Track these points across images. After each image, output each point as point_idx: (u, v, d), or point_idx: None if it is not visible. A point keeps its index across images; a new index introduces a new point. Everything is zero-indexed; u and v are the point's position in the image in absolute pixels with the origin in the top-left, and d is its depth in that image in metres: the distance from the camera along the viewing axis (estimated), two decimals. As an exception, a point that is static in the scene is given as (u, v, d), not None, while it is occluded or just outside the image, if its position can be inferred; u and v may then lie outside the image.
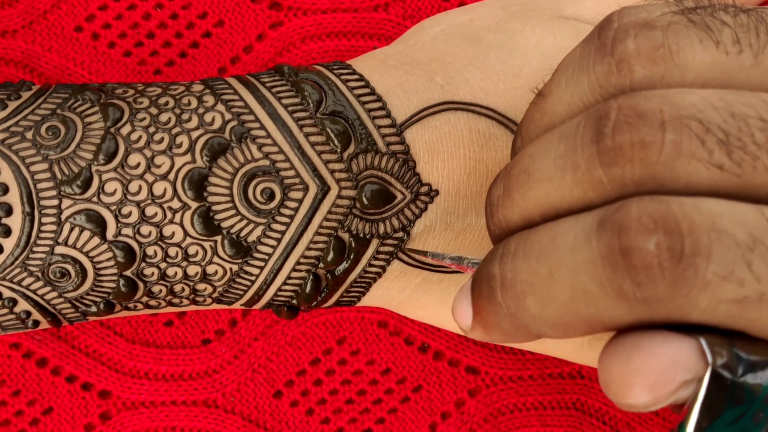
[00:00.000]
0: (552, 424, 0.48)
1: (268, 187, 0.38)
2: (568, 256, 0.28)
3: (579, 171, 0.29)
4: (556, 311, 0.29)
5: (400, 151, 0.39)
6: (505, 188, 0.32)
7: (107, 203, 0.37)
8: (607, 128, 0.28)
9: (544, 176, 0.30)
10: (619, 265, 0.27)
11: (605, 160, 0.28)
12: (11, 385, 0.47)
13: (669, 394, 0.27)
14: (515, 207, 0.32)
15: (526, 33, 0.41)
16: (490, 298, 0.31)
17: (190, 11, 0.49)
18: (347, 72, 0.40)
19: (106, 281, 0.38)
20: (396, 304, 0.43)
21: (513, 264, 0.30)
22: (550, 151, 0.30)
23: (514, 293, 0.30)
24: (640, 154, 0.28)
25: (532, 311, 0.30)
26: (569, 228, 0.29)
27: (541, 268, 0.29)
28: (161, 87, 0.40)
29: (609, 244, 0.27)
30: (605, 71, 0.30)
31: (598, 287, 0.28)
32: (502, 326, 0.31)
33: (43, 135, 0.37)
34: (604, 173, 0.28)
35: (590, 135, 0.29)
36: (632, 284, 0.27)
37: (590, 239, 0.28)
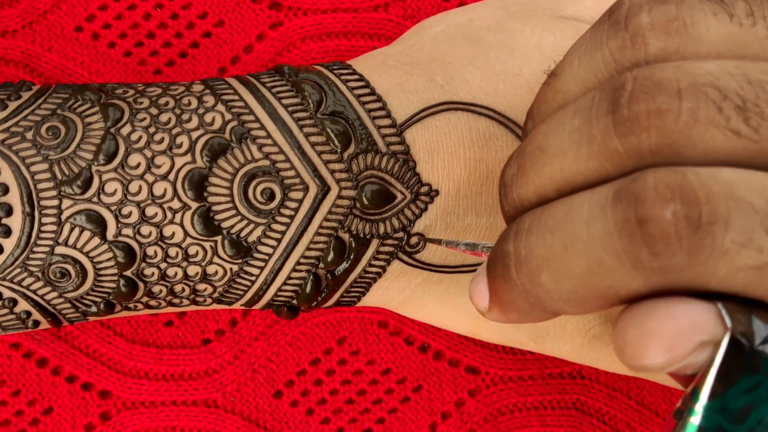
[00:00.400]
0: (552, 424, 0.48)
1: (269, 188, 0.38)
2: (583, 229, 0.28)
3: (595, 143, 0.29)
4: (571, 285, 0.29)
5: (400, 151, 0.39)
6: (519, 166, 0.32)
7: (107, 203, 0.37)
8: (623, 98, 0.28)
9: (559, 151, 0.30)
10: (635, 235, 0.27)
11: (621, 130, 0.28)
12: (11, 385, 0.47)
13: (685, 354, 0.27)
14: (529, 184, 0.32)
15: (526, 33, 0.41)
16: (505, 276, 0.31)
17: (190, 11, 0.49)
18: (347, 72, 0.40)
19: (107, 281, 0.38)
20: (396, 304, 0.43)
21: (527, 240, 0.30)
22: (565, 126, 0.30)
23: (529, 269, 0.30)
24: (656, 122, 0.28)
25: (548, 287, 0.30)
26: (584, 201, 0.29)
27: (555, 242, 0.29)
28: (161, 87, 0.40)
29: (625, 214, 0.27)
30: (619, 45, 0.30)
31: (614, 258, 0.28)
32: (518, 304, 0.31)
33: (44, 135, 0.37)
34: (621, 143, 0.28)
35: (606, 106, 0.29)
36: (649, 254, 0.27)
37: (606, 211, 0.28)
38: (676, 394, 0.49)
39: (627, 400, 0.48)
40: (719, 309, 0.27)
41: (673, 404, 0.49)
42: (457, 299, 0.42)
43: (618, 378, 0.49)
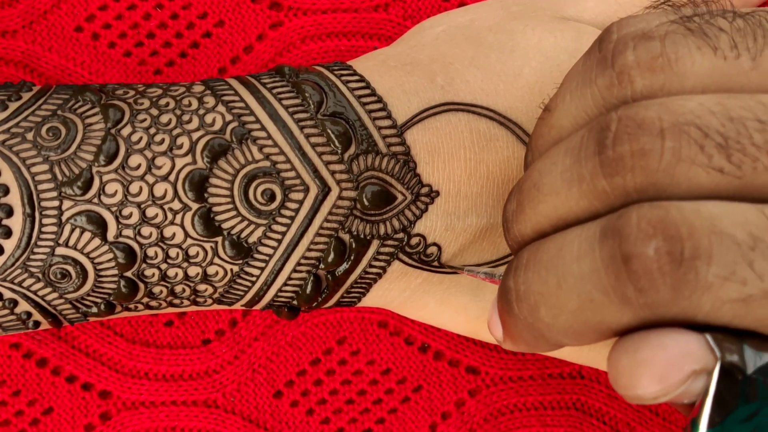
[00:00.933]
0: (552, 424, 0.48)
1: (269, 188, 0.38)
2: (574, 266, 0.29)
3: (584, 183, 0.30)
4: (566, 320, 0.30)
5: (401, 152, 0.39)
6: (518, 203, 0.33)
7: (108, 204, 0.37)
8: (608, 140, 0.29)
9: (552, 190, 0.31)
10: (621, 272, 0.27)
11: (607, 170, 0.29)
12: (11, 385, 0.47)
13: (678, 384, 0.27)
14: (527, 221, 0.32)
15: (526, 34, 0.41)
16: (509, 311, 0.32)
17: (190, 11, 0.49)
18: (348, 73, 0.40)
19: (107, 282, 0.38)
20: (396, 305, 0.43)
21: (525, 276, 0.31)
22: (557, 165, 0.31)
23: (528, 304, 0.31)
24: (640, 162, 0.28)
25: (546, 321, 0.30)
26: (575, 237, 0.30)
27: (549, 278, 0.30)
28: (162, 88, 0.40)
29: (611, 251, 0.28)
30: (607, 84, 0.31)
31: (602, 295, 0.28)
32: (524, 337, 0.32)
33: (44, 136, 0.37)
34: (607, 183, 0.29)
35: (593, 147, 0.30)
36: (635, 290, 0.27)
37: (594, 248, 0.28)
38: (676, 394, 0.49)
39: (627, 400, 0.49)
40: (708, 340, 0.27)
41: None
42: (458, 300, 0.42)
43: (618, 378, 0.49)
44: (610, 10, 0.43)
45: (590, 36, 0.41)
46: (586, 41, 0.41)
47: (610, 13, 0.43)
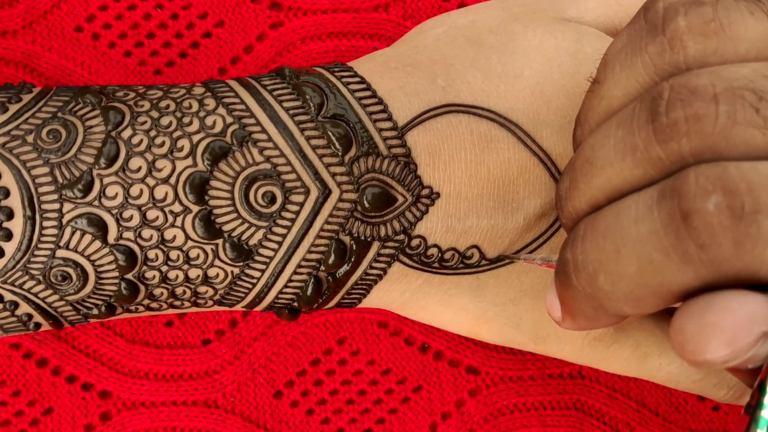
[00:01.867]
0: (552, 424, 0.48)
1: (270, 191, 0.38)
2: (632, 230, 0.29)
3: (638, 152, 0.30)
4: (626, 286, 0.30)
5: (402, 154, 0.39)
6: (571, 180, 0.33)
7: (108, 207, 0.37)
8: (661, 107, 0.29)
9: (606, 162, 0.31)
10: (681, 230, 0.27)
11: (661, 137, 0.29)
12: (11, 386, 0.47)
13: (747, 347, 0.27)
14: (582, 195, 0.33)
15: (527, 35, 0.41)
16: (567, 284, 0.32)
17: (190, 11, 0.49)
18: (348, 74, 0.40)
19: (108, 284, 0.38)
20: (397, 306, 0.43)
21: (582, 246, 0.31)
22: (610, 138, 0.31)
23: (587, 274, 0.31)
24: (695, 126, 0.28)
25: (606, 289, 0.30)
26: (632, 203, 0.30)
27: (608, 245, 0.30)
28: (162, 90, 0.40)
29: (670, 211, 0.28)
30: (658, 50, 0.31)
31: (663, 255, 0.28)
32: (584, 310, 0.32)
33: (44, 138, 0.37)
34: (662, 150, 0.29)
35: (645, 116, 0.30)
36: (695, 247, 0.27)
37: (652, 210, 0.28)
38: (676, 394, 0.49)
39: (627, 401, 0.49)
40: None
41: (674, 404, 0.49)
42: (458, 300, 0.42)
43: (618, 378, 0.49)
44: (611, 11, 0.43)
45: (591, 37, 0.41)
46: (586, 42, 0.41)
47: (611, 14, 0.43)
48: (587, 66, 0.41)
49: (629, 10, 0.43)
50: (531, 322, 0.42)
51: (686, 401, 0.49)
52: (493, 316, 0.42)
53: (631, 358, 0.43)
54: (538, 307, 0.42)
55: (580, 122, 0.35)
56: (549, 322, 0.42)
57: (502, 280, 0.42)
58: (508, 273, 0.41)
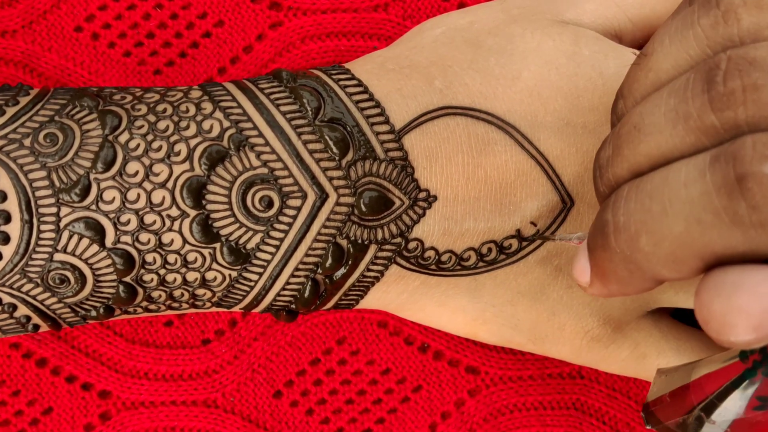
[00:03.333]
0: (552, 424, 0.48)
1: (267, 195, 0.38)
2: (681, 191, 0.29)
3: (691, 119, 0.29)
4: (669, 246, 0.29)
5: (399, 157, 0.39)
6: (615, 147, 0.33)
7: (106, 211, 0.37)
8: (718, 77, 0.29)
9: (655, 129, 0.31)
10: (734, 191, 0.27)
11: (717, 105, 0.29)
12: (11, 385, 0.47)
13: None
14: (624, 162, 0.32)
15: (525, 37, 0.41)
16: (605, 245, 0.32)
17: (189, 11, 0.49)
18: (346, 77, 0.40)
19: (106, 287, 0.38)
20: (395, 307, 0.43)
21: (626, 207, 0.31)
22: (660, 107, 0.31)
23: (628, 235, 0.30)
24: (752, 96, 0.28)
25: (646, 250, 0.30)
26: (681, 166, 0.29)
27: (654, 205, 0.30)
28: (159, 93, 0.40)
29: (723, 173, 0.28)
30: (711, 23, 0.31)
31: (712, 215, 0.28)
32: (618, 273, 0.32)
33: (42, 142, 0.37)
34: (717, 118, 0.29)
35: (701, 86, 0.29)
36: (747, 208, 0.27)
37: (704, 173, 0.28)
38: (675, 394, 0.49)
39: (627, 400, 0.49)
40: None
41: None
42: (455, 301, 0.42)
43: (618, 378, 0.49)
44: (609, 13, 0.43)
45: (589, 39, 0.41)
46: (584, 45, 0.41)
47: (609, 16, 0.43)
48: (585, 68, 0.41)
49: (628, 12, 0.43)
50: (529, 323, 0.42)
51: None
52: (491, 316, 0.42)
53: (630, 358, 0.43)
54: (535, 307, 0.42)
55: (624, 95, 0.34)
56: (547, 322, 0.42)
57: (499, 282, 0.42)
58: (505, 274, 0.41)
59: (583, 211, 0.41)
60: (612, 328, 0.42)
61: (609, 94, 0.41)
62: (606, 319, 0.42)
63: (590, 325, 0.42)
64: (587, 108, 0.40)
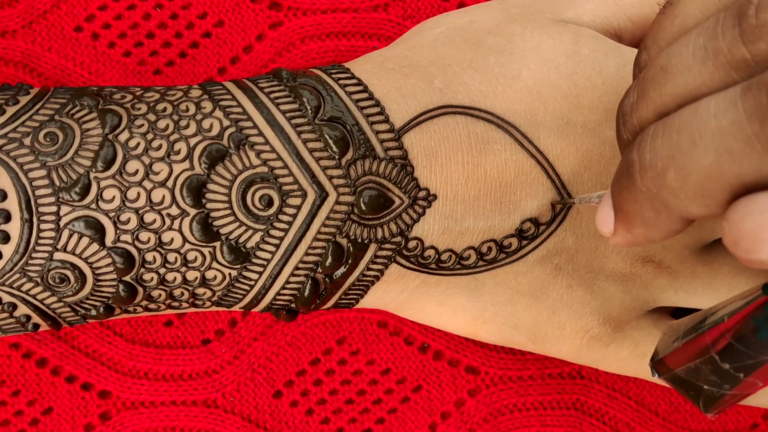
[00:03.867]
0: (552, 424, 0.48)
1: (267, 194, 0.38)
2: (711, 122, 0.28)
3: (721, 54, 0.29)
4: (698, 178, 0.28)
5: (398, 156, 0.39)
6: (640, 91, 0.32)
7: (106, 210, 0.37)
8: (750, 10, 0.28)
9: (684, 67, 0.30)
10: (766, 117, 0.26)
11: (749, 38, 0.28)
12: (11, 385, 0.47)
13: None
14: (650, 104, 0.31)
15: (525, 36, 0.41)
16: (630, 186, 0.31)
17: (189, 11, 0.49)
18: (346, 76, 0.40)
19: (106, 286, 0.38)
20: (394, 306, 0.43)
21: (653, 144, 0.30)
22: (689, 47, 0.30)
23: (655, 172, 0.30)
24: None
25: (674, 185, 0.29)
26: (711, 99, 0.28)
27: (682, 139, 0.29)
28: (159, 92, 0.40)
29: (756, 100, 0.27)
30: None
31: (744, 144, 0.27)
32: (643, 214, 0.31)
33: (42, 141, 0.37)
34: (748, 51, 0.28)
35: (732, 21, 0.29)
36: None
37: (735, 103, 0.27)
38: (675, 394, 0.49)
39: (627, 400, 0.49)
40: None
41: (674, 404, 0.49)
42: (455, 301, 0.42)
43: (618, 378, 0.49)
44: (608, 13, 0.43)
45: (588, 38, 0.41)
46: (584, 44, 0.41)
47: (608, 15, 0.43)
48: (585, 67, 0.41)
49: (628, 12, 0.43)
50: (529, 322, 0.42)
51: (686, 401, 0.49)
52: (491, 316, 0.42)
53: (630, 357, 0.43)
54: (535, 306, 0.42)
55: (648, 45, 0.34)
56: (547, 321, 0.42)
57: (499, 281, 0.42)
58: (505, 273, 0.41)
59: (582, 210, 0.41)
60: (612, 327, 0.42)
61: (609, 93, 0.40)
62: (606, 318, 0.42)
63: (590, 324, 0.42)
64: (587, 107, 0.40)
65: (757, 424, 0.49)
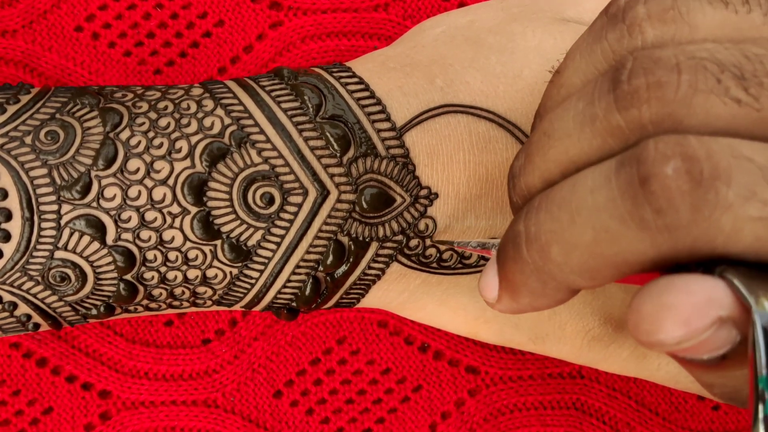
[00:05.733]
0: (552, 424, 0.48)
1: (268, 192, 0.38)
2: (588, 199, 0.28)
3: (597, 120, 0.29)
4: (581, 256, 0.29)
5: (400, 154, 0.39)
6: (526, 155, 0.32)
7: (107, 208, 0.37)
8: (623, 76, 0.29)
9: (564, 133, 0.31)
10: (638, 196, 0.27)
11: (622, 104, 0.28)
12: (11, 385, 0.47)
13: (702, 329, 0.26)
14: (536, 170, 0.32)
15: (526, 35, 0.41)
16: (516, 257, 0.31)
17: (190, 11, 0.49)
18: (347, 75, 0.40)
19: (106, 285, 0.38)
20: (395, 306, 0.43)
21: (537, 217, 0.30)
22: (569, 111, 0.31)
23: (539, 245, 0.30)
24: (656, 93, 0.28)
25: (558, 260, 0.30)
26: (589, 173, 0.29)
27: (562, 214, 0.29)
28: (160, 91, 0.40)
29: (628, 177, 0.27)
30: (617, 36, 0.31)
31: (619, 223, 0.28)
32: (530, 285, 0.31)
33: (42, 140, 0.37)
34: (622, 117, 0.29)
35: (607, 86, 0.29)
36: (653, 212, 0.27)
37: (609, 179, 0.28)
38: (675, 394, 0.49)
39: (627, 400, 0.49)
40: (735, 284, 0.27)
41: (674, 404, 0.49)
42: (457, 300, 0.42)
43: (618, 378, 0.49)
44: (609, 11, 0.43)
45: (590, 37, 0.42)
46: (585, 42, 0.41)
47: None
48: None
49: (628, 11, 0.43)
50: (530, 322, 0.42)
51: (686, 401, 0.49)
52: (492, 315, 0.42)
53: (630, 357, 0.43)
54: None
55: (540, 113, 0.35)
56: (548, 321, 0.42)
57: (500, 280, 0.42)
58: None
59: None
60: (613, 327, 0.42)
61: None
62: (607, 318, 0.42)
63: (591, 324, 0.42)
64: None
65: (758, 424, 0.49)
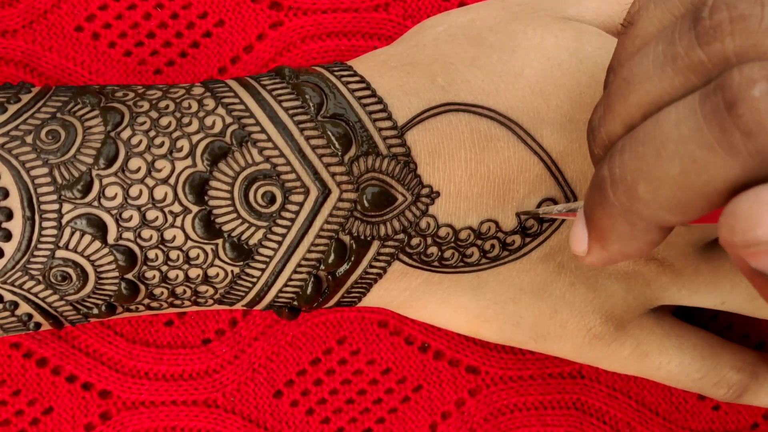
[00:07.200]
0: (552, 424, 0.48)
1: (269, 191, 0.38)
2: (673, 132, 0.28)
3: (678, 59, 0.29)
4: (669, 189, 0.28)
5: (401, 153, 0.39)
6: (606, 105, 0.32)
7: (108, 207, 0.37)
8: (704, 13, 0.28)
9: (644, 77, 0.30)
10: (726, 121, 0.26)
11: (704, 39, 0.28)
12: (11, 385, 0.47)
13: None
14: (617, 116, 0.31)
15: (527, 34, 0.41)
16: (602, 202, 0.31)
17: (190, 11, 0.49)
18: (348, 74, 0.40)
19: (108, 284, 0.38)
20: (397, 305, 0.43)
21: (621, 159, 0.30)
22: (648, 56, 0.30)
23: (626, 185, 0.30)
24: (739, 26, 0.27)
25: (646, 197, 0.29)
26: (672, 108, 0.29)
27: (647, 151, 0.29)
28: (161, 90, 0.40)
29: (713, 105, 0.27)
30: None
31: (707, 151, 0.27)
32: (618, 229, 0.31)
33: (43, 139, 0.37)
34: (704, 52, 0.28)
35: (688, 24, 0.29)
36: (741, 136, 0.26)
37: (695, 110, 0.27)
38: (676, 393, 0.49)
39: (627, 400, 0.49)
40: None
41: (674, 404, 0.49)
42: (458, 299, 0.42)
43: (618, 378, 0.49)
44: (611, 11, 0.43)
45: (591, 36, 0.41)
46: (587, 41, 0.41)
47: (611, 13, 0.43)
48: (587, 64, 0.41)
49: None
50: (531, 320, 0.42)
51: (686, 400, 0.49)
52: (493, 314, 0.42)
53: (631, 356, 0.43)
54: (538, 305, 0.42)
55: (614, 67, 0.34)
56: (549, 320, 0.42)
57: (502, 279, 0.42)
58: (508, 271, 0.41)
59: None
60: (614, 325, 0.42)
61: None
62: (608, 316, 0.42)
63: (592, 322, 0.42)
64: (590, 104, 0.40)
65: (758, 424, 0.49)
